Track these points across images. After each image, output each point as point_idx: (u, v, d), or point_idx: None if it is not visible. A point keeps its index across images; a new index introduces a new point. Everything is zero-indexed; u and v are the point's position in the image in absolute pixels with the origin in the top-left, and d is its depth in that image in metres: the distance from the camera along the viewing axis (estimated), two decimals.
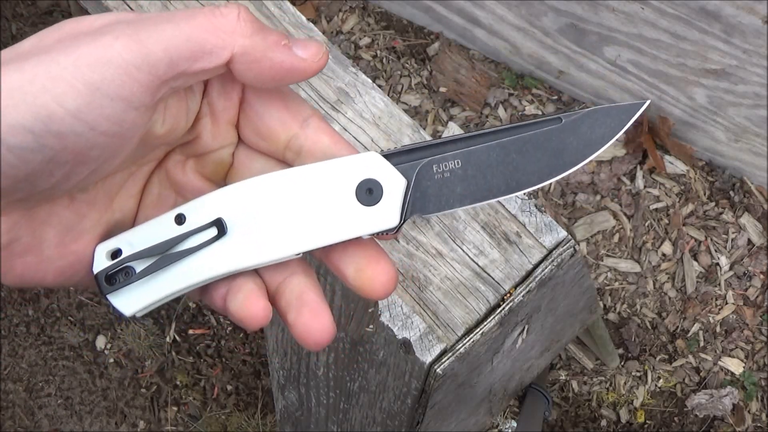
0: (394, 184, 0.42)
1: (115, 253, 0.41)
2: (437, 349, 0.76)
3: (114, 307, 0.41)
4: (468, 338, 0.77)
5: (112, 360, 1.83)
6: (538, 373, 1.41)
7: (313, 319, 0.41)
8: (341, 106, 0.85)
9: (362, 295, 0.43)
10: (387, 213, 0.42)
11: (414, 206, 0.43)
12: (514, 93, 1.85)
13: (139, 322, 1.82)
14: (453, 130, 0.85)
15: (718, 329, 1.71)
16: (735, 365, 1.69)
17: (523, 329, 0.89)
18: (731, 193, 1.76)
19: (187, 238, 0.41)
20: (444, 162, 0.43)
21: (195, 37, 0.37)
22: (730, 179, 1.77)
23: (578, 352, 1.71)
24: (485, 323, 0.78)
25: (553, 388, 1.71)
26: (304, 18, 0.90)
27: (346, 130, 0.84)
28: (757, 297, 1.71)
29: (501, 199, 0.44)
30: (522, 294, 0.78)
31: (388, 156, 0.43)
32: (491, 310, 0.78)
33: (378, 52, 1.89)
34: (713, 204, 1.76)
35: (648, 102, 0.45)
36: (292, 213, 0.41)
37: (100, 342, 1.84)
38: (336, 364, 0.97)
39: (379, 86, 1.76)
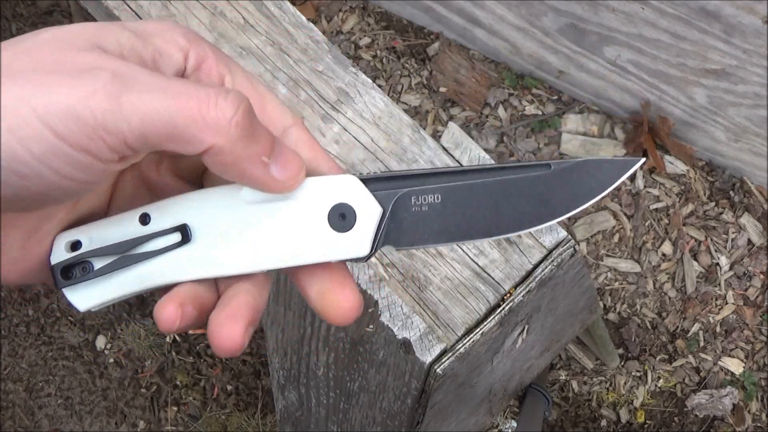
0: (368, 211, 0.40)
1: (75, 245, 0.40)
2: (437, 349, 0.76)
3: (68, 301, 0.40)
4: (468, 338, 0.77)
5: (112, 360, 1.83)
6: (538, 373, 1.41)
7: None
8: (341, 106, 0.85)
9: (322, 318, 0.41)
10: (358, 241, 0.40)
11: (387, 237, 0.41)
12: (514, 93, 1.85)
13: (139, 322, 1.82)
14: (453, 130, 0.85)
15: (718, 329, 1.71)
16: (735, 365, 1.69)
17: (523, 329, 0.89)
18: (731, 193, 1.76)
19: (149, 240, 0.39)
20: (423, 195, 0.41)
21: (177, 121, 0.34)
22: (730, 179, 1.77)
23: (578, 352, 1.71)
24: (485, 323, 0.78)
25: (553, 388, 1.71)
26: (304, 18, 0.90)
27: (346, 130, 0.84)
28: (757, 297, 1.71)
29: (478, 241, 0.41)
30: (522, 294, 0.78)
31: (366, 181, 0.41)
32: (491, 310, 0.78)
33: (378, 52, 1.89)
34: (713, 204, 1.76)
35: (642, 161, 0.44)
36: (261, 229, 0.40)
37: (100, 342, 1.84)
38: (336, 364, 0.97)
39: (379, 86, 1.76)
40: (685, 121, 1.73)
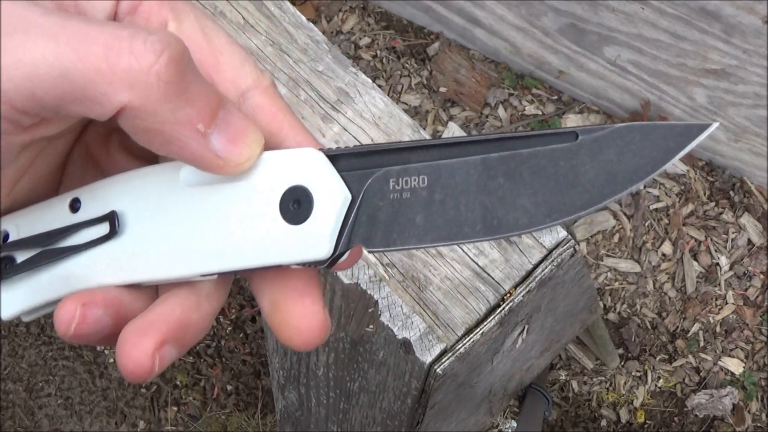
0: (330, 196, 0.31)
1: (5, 237, 0.33)
2: (437, 349, 0.76)
3: None
4: (468, 338, 0.77)
5: (112, 360, 1.83)
6: (538, 373, 1.41)
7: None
8: (341, 106, 0.85)
9: (278, 339, 0.32)
10: (314, 237, 0.31)
11: (356, 233, 0.31)
12: (514, 93, 1.85)
13: None
14: (453, 130, 0.85)
15: (718, 329, 1.71)
16: (735, 365, 1.69)
17: (523, 329, 0.89)
18: (731, 193, 1.76)
19: (77, 231, 0.32)
20: (405, 176, 0.31)
21: (75, 75, 0.26)
22: (730, 179, 1.77)
23: (578, 352, 1.71)
24: (485, 323, 0.78)
25: (553, 388, 1.71)
26: (304, 18, 0.90)
27: (346, 130, 0.84)
28: (757, 297, 1.71)
29: (474, 242, 0.31)
30: (522, 294, 0.78)
31: (335, 157, 0.31)
32: (491, 310, 0.78)
33: (378, 52, 1.89)
34: (713, 204, 1.76)
35: (716, 125, 0.31)
36: (200, 220, 0.31)
37: None
38: (336, 364, 0.96)
39: (379, 86, 1.76)
40: (685, 121, 1.73)
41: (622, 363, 1.71)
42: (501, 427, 1.64)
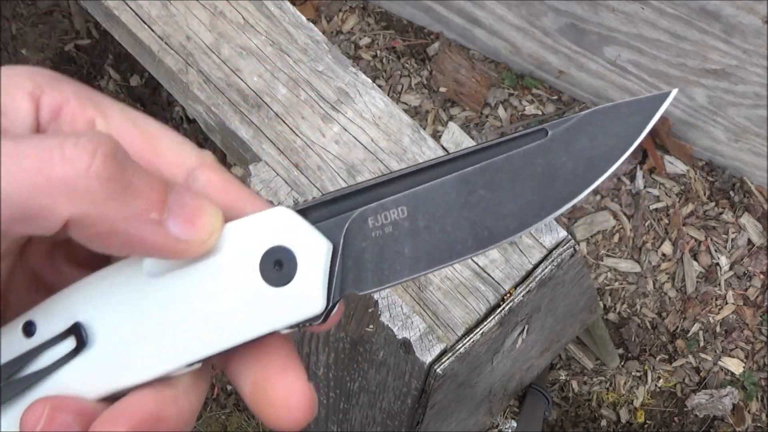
0: (313, 250, 0.30)
1: None
2: (437, 349, 0.76)
3: None
4: (468, 338, 0.77)
5: None
6: (538, 373, 1.41)
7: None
8: (341, 106, 0.85)
9: (265, 422, 0.31)
10: (305, 294, 0.30)
11: (345, 280, 0.31)
12: (514, 93, 1.85)
13: None
14: (453, 130, 0.85)
15: (718, 329, 1.71)
16: (735, 365, 1.69)
17: (523, 329, 0.89)
18: (731, 193, 1.76)
19: (38, 354, 0.29)
20: (383, 211, 0.31)
21: (12, 195, 0.25)
22: (730, 179, 1.77)
23: (578, 352, 1.71)
24: (485, 323, 0.78)
25: (553, 388, 1.71)
26: (304, 18, 0.90)
27: (346, 130, 0.84)
28: (757, 297, 1.71)
29: (469, 257, 0.31)
30: (522, 294, 0.78)
31: (304, 211, 0.31)
32: (491, 310, 0.78)
33: (378, 52, 1.89)
34: (713, 204, 1.76)
35: (675, 91, 0.32)
36: (177, 307, 0.30)
37: None
38: (336, 364, 0.96)
39: (379, 86, 1.76)
40: (685, 121, 1.73)
41: (622, 363, 1.71)
42: (501, 427, 1.64)
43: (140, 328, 0.30)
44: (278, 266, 0.30)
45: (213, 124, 0.88)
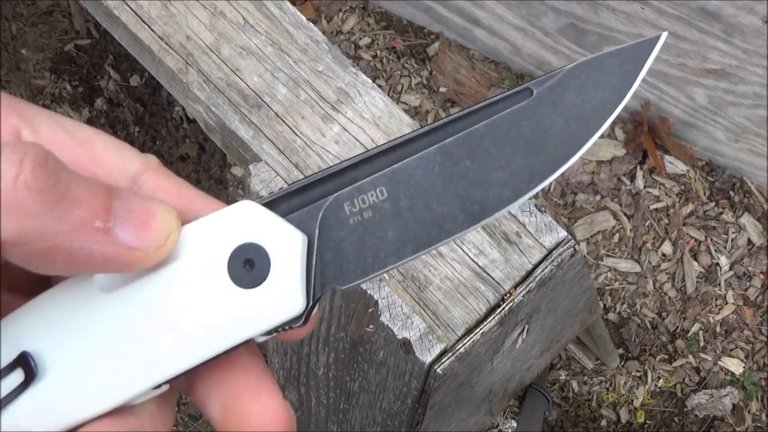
0: (286, 245, 0.27)
1: None
2: (437, 349, 0.76)
3: None
4: (468, 338, 0.77)
5: None
6: (538, 373, 1.41)
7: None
8: (341, 106, 0.85)
9: None
10: (283, 294, 0.27)
11: (325, 275, 0.28)
12: None
13: None
14: None
15: (718, 329, 1.71)
16: (735, 365, 1.69)
17: (523, 329, 0.89)
18: (731, 193, 1.76)
19: None
20: (360, 195, 0.28)
21: None
22: (730, 179, 1.77)
23: (578, 352, 1.71)
24: (485, 323, 0.78)
25: (553, 388, 1.71)
26: (304, 18, 0.90)
27: (346, 130, 0.84)
28: (757, 297, 1.71)
29: (461, 235, 0.28)
30: (522, 294, 0.78)
31: (272, 203, 0.28)
32: (491, 310, 0.78)
33: (378, 52, 1.89)
34: (713, 204, 1.76)
35: (665, 35, 0.29)
36: (137, 324, 0.27)
37: None
38: (336, 364, 0.96)
39: (379, 86, 1.76)
40: (685, 121, 1.73)
41: (622, 363, 1.71)
42: (501, 427, 1.64)
43: (96, 351, 0.26)
44: (248, 266, 0.27)
45: (213, 124, 0.88)
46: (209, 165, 1.82)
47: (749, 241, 1.74)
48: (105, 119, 1.84)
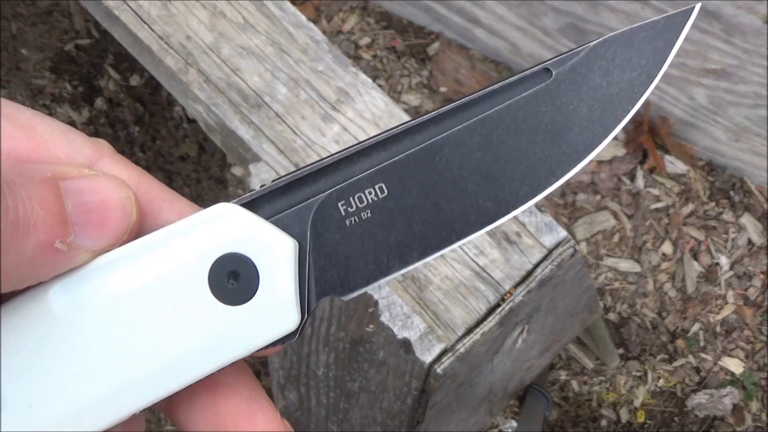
0: (275, 253, 0.23)
1: None
2: (437, 349, 0.76)
3: None
4: (468, 338, 0.77)
5: None
6: (538, 373, 1.41)
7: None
8: (341, 106, 0.85)
9: None
10: (275, 309, 0.24)
11: (321, 284, 0.24)
12: None
13: None
14: None
15: (718, 329, 1.71)
16: (735, 365, 1.69)
17: (523, 329, 0.89)
18: (731, 192, 1.76)
19: None
20: (356, 193, 0.24)
21: None
22: (730, 179, 1.77)
23: (578, 352, 1.71)
24: (485, 323, 0.78)
25: (553, 388, 1.71)
26: (304, 18, 0.90)
27: (346, 130, 0.84)
28: (757, 297, 1.71)
29: (476, 235, 0.25)
30: (522, 294, 0.78)
31: (253, 203, 0.24)
32: (491, 310, 0.78)
33: (378, 52, 1.89)
34: (713, 204, 1.76)
35: (698, 6, 0.25)
36: (101, 347, 0.23)
37: None
38: (336, 364, 0.96)
39: (379, 86, 1.76)
40: (685, 121, 1.73)
41: (622, 363, 1.71)
42: (501, 427, 1.64)
43: (56, 382, 0.22)
44: (233, 279, 0.23)
45: (213, 124, 0.88)
46: (209, 165, 1.82)
47: (749, 241, 1.74)
48: (105, 119, 1.84)
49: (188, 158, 1.83)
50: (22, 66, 1.90)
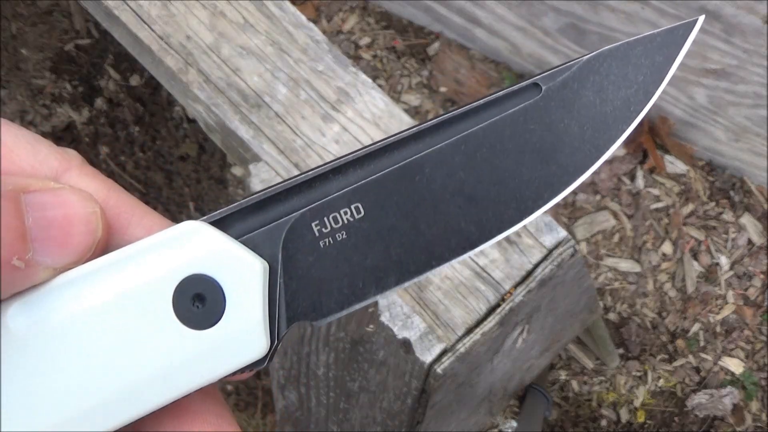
0: (243, 275, 0.22)
1: None
2: (437, 349, 0.76)
3: None
4: (468, 338, 0.77)
5: None
6: (538, 373, 1.41)
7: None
8: (341, 106, 0.85)
9: None
10: (242, 334, 0.22)
11: (292, 308, 0.23)
12: None
13: None
14: None
15: (718, 329, 1.71)
16: (735, 365, 1.69)
17: (523, 329, 0.89)
18: (731, 192, 1.76)
19: None
20: (331, 213, 0.23)
21: None
22: (730, 179, 1.77)
23: (578, 352, 1.71)
24: (485, 323, 0.78)
25: (553, 388, 1.71)
26: (304, 18, 0.90)
27: (346, 130, 0.84)
28: (757, 297, 1.71)
29: (456, 260, 0.24)
30: (522, 294, 0.78)
31: (223, 222, 0.23)
32: (491, 310, 0.78)
33: (378, 52, 1.89)
34: (713, 204, 1.76)
35: (702, 19, 0.24)
36: (61, 371, 0.21)
37: None
38: (336, 364, 0.96)
39: (379, 86, 1.76)
40: (685, 121, 1.73)
41: (622, 363, 1.71)
42: (501, 427, 1.64)
43: (10, 406, 0.21)
44: (199, 302, 0.22)
45: (213, 124, 0.88)
46: (209, 165, 1.82)
47: (749, 240, 1.74)
48: (105, 119, 1.84)
49: (188, 158, 1.83)
50: (22, 66, 1.90)
